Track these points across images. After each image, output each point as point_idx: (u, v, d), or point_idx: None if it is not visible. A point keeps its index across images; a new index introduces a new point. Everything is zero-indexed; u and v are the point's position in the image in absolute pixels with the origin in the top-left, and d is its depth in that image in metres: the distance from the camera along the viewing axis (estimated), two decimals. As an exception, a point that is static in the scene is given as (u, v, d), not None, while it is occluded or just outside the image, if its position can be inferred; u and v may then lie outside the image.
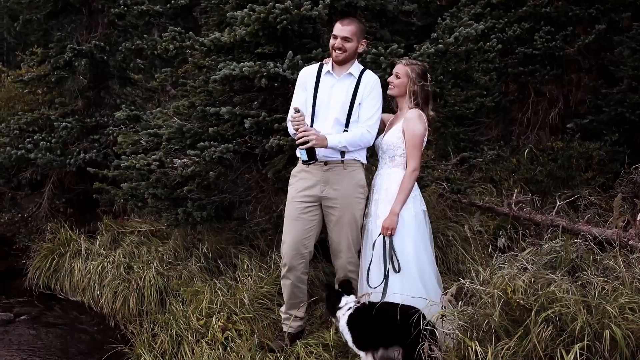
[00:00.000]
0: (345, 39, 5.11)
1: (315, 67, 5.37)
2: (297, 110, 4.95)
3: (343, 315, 4.81)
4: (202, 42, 6.49)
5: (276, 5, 5.96)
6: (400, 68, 5.22)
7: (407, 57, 5.65)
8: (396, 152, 5.16)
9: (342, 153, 5.15)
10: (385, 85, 5.31)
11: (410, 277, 4.99)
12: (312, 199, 5.25)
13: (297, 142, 4.94)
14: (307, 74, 5.34)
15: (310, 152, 4.95)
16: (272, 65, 5.88)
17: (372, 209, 5.24)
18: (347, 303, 4.85)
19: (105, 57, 10.00)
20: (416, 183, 5.24)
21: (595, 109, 9.11)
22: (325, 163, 5.17)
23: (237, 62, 6.14)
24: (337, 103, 5.17)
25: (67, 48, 9.78)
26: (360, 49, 5.27)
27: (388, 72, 5.86)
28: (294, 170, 5.40)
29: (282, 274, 5.42)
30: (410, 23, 7.30)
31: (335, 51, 5.15)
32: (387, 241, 4.97)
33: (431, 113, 5.27)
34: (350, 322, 4.76)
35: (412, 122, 5.09)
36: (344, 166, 5.20)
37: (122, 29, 10.57)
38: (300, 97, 5.30)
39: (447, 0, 10.65)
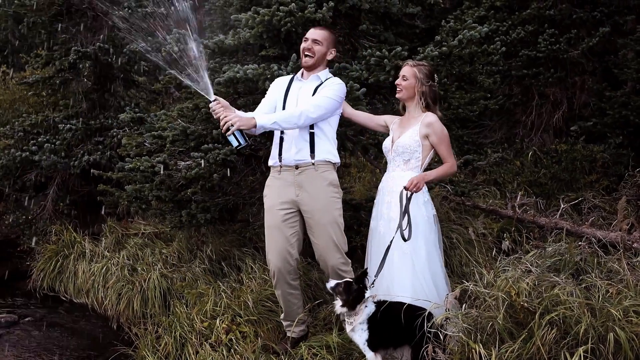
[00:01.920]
0: (315, 41, 5.19)
1: (289, 76, 5.50)
2: (213, 100, 4.96)
3: (363, 312, 4.68)
4: (206, 44, 6.50)
5: (280, 7, 5.97)
6: (407, 70, 5.24)
7: (413, 59, 5.64)
8: (412, 155, 5.18)
9: (312, 154, 5.18)
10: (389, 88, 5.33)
11: (423, 279, 5.02)
12: (290, 205, 5.26)
13: (222, 130, 4.88)
14: (279, 82, 5.47)
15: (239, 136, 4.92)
16: (276, 67, 5.89)
17: (385, 212, 5.24)
18: (369, 299, 4.71)
19: (109, 59, 10.02)
20: (427, 187, 5.26)
21: (599, 111, 9.11)
22: (297, 167, 5.21)
23: (241, 64, 6.16)
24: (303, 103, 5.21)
25: (71, 50, 9.80)
26: (330, 57, 5.32)
27: (392, 74, 5.88)
28: (267, 182, 5.43)
29: (273, 284, 5.42)
30: (414, 26, 7.29)
31: (304, 55, 5.23)
32: (407, 195, 4.99)
33: (439, 113, 5.31)
34: (371, 320, 4.70)
35: (437, 125, 5.18)
36: (315, 168, 5.21)
37: (126, 31, 10.59)
38: (267, 99, 5.41)
39: (450, 3, 10.65)
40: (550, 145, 9.19)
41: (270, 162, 5.39)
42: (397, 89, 5.30)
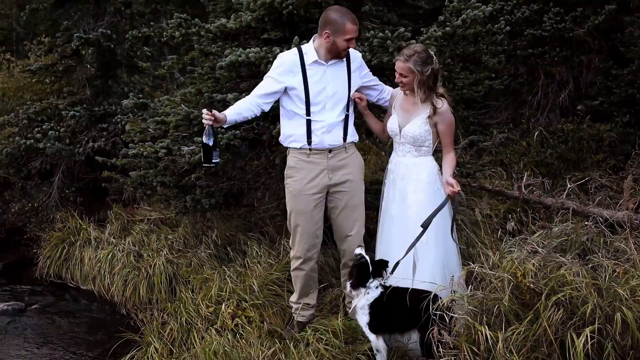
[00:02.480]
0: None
1: (296, 56, 5.17)
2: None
3: (366, 295, 4.71)
4: (208, 28, 6.45)
5: (282, -10, 5.93)
6: (402, 67, 5.03)
7: (403, 50, 5.20)
8: (424, 143, 5.14)
9: (345, 137, 5.18)
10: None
11: (437, 264, 5.03)
12: (320, 188, 5.23)
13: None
14: (291, 63, 5.14)
15: (208, 154, 5.04)
16: (278, 50, 5.85)
17: (397, 197, 5.23)
18: (375, 283, 4.71)
19: (112, 45, 9.99)
20: (437, 167, 5.25)
21: (606, 90, 9.02)
22: (330, 150, 5.17)
23: (243, 48, 6.12)
24: (337, 89, 5.14)
25: (74, 37, 9.77)
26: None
27: (395, 55, 5.83)
28: (291, 162, 5.32)
29: (295, 266, 5.43)
30: (417, 6, 7.22)
31: (344, 52, 5.08)
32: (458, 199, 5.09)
33: (440, 90, 5.14)
34: (373, 305, 4.69)
35: (447, 115, 5.09)
36: (345, 150, 5.23)
37: (128, 16, 10.55)
38: (271, 87, 5.17)
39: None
40: (557, 125, 9.12)
41: (293, 144, 5.25)
42: (400, 84, 5.19)
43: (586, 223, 5.64)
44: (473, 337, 4.23)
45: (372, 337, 4.70)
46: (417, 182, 5.13)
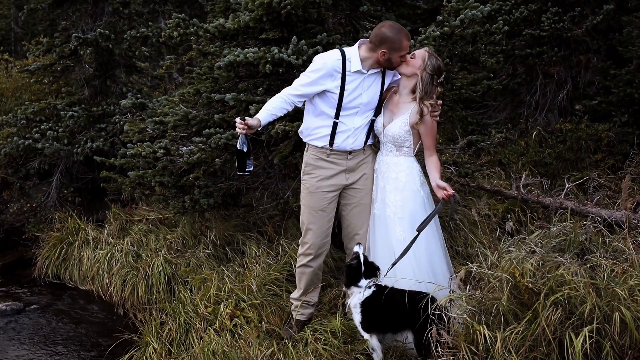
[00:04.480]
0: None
1: (339, 61, 5.02)
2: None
3: (359, 294, 4.75)
4: (206, 28, 6.45)
5: (280, -10, 5.92)
6: (421, 52, 5.03)
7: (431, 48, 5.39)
8: (404, 143, 5.11)
9: (366, 141, 5.22)
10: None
11: (420, 263, 4.98)
12: (336, 187, 5.26)
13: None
14: (332, 69, 5.01)
15: (242, 162, 4.95)
16: (276, 50, 5.85)
17: (379, 196, 5.23)
18: (367, 284, 4.75)
19: (110, 46, 9.98)
20: (420, 168, 5.22)
21: (604, 90, 9.01)
22: (349, 152, 5.18)
23: (242, 48, 6.12)
24: (372, 97, 5.13)
25: (72, 37, 9.77)
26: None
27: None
28: (309, 159, 5.28)
29: (303, 263, 5.41)
30: (416, 6, 7.25)
31: (397, 67, 5.05)
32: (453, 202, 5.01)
33: (429, 101, 4.99)
34: (364, 304, 4.72)
35: (427, 117, 4.99)
36: (364, 151, 5.26)
37: (127, 16, 10.54)
38: (310, 89, 5.04)
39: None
40: (555, 125, 9.10)
41: (314, 142, 5.22)
42: (404, 63, 5.12)
43: (584, 223, 5.63)
44: (471, 337, 4.23)
45: (365, 335, 4.74)
46: (396, 181, 5.13)
